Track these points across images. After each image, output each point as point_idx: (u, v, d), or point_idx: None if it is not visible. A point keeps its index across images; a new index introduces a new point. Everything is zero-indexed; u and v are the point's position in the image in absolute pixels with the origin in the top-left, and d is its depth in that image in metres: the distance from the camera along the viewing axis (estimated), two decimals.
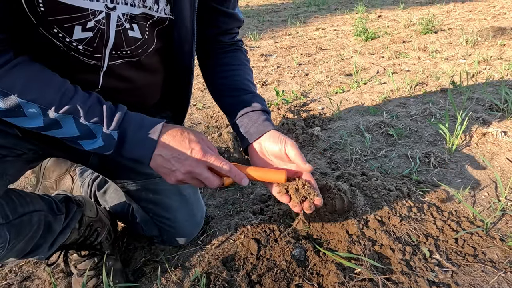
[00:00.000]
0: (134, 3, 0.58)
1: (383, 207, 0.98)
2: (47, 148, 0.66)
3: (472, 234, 0.89)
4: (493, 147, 1.30)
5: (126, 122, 0.59)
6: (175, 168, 0.60)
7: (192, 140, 0.61)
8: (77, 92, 0.57)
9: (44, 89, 0.53)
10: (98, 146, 0.58)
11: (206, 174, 0.61)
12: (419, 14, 4.21)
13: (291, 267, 0.82)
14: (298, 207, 0.67)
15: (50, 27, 0.53)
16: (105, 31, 0.58)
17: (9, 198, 0.59)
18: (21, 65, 0.52)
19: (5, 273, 0.90)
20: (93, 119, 0.56)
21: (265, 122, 0.73)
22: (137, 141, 0.59)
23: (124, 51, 0.63)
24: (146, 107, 0.81)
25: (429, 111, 1.64)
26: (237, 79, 0.80)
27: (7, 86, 0.50)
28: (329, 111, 1.78)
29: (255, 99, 0.77)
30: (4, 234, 0.56)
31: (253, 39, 3.66)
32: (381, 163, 1.26)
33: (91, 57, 0.60)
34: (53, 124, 0.54)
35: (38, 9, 0.50)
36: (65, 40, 0.56)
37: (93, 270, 0.83)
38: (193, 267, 0.86)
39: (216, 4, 0.75)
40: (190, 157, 0.60)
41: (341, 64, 2.59)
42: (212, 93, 0.85)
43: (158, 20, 0.64)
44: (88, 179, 1.06)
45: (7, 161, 0.58)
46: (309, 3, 6.19)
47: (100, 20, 0.56)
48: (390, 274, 0.79)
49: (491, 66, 2.18)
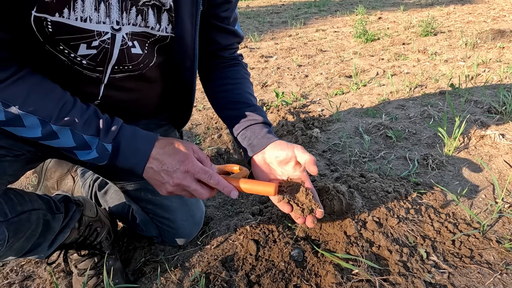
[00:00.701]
0: (136, 23, 0.60)
1: (381, 208, 0.99)
2: (46, 150, 0.67)
3: (469, 236, 0.90)
4: (491, 150, 1.31)
5: (120, 135, 0.61)
6: (165, 181, 0.61)
7: (182, 153, 0.62)
8: (76, 105, 0.59)
9: (44, 101, 0.55)
10: (92, 157, 0.60)
11: (195, 186, 0.62)
12: (419, 16, 4.23)
13: (289, 267, 0.83)
14: (301, 219, 0.68)
15: (56, 44, 0.56)
16: (109, 50, 0.60)
17: (7, 197, 0.60)
18: (24, 77, 0.54)
19: (6, 272, 0.91)
20: (89, 131, 0.58)
21: (268, 134, 0.75)
22: (130, 154, 0.61)
23: (126, 66, 0.65)
24: (143, 112, 0.82)
25: (428, 113, 1.65)
26: (239, 93, 0.81)
27: (9, 98, 0.52)
28: (328, 113, 1.79)
29: (257, 112, 0.79)
30: (3, 232, 0.57)
31: (254, 40, 3.68)
32: (379, 165, 1.27)
33: (93, 70, 0.63)
34: (50, 135, 0.56)
35: (46, 30, 0.52)
36: (69, 56, 0.58)
37: (93, 269, 0.84)
38: (193, 267, 0.87)
39: (217, 21, 0.77)
40: (179, 169, 0.61)
41: (341, 65, 2.60)
42: (214, 106, 0.87)
43: (159, 38, 0.66)
44: (89, 180, 1.07)
45: (6, 161, 0.59)
46: (310, 5, 6.21)
47: (105, 40, 0.59)
48: (387, 275, 0.80)
49: (490, 69, 2.19)
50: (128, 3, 0.58)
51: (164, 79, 0.78)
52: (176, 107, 0.87)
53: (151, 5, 0.61)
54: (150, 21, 0.62)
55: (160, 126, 0.90)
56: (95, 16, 0.55)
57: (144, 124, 0.85)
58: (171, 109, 0.89)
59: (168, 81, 0.79)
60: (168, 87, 0.81)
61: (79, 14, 0.53)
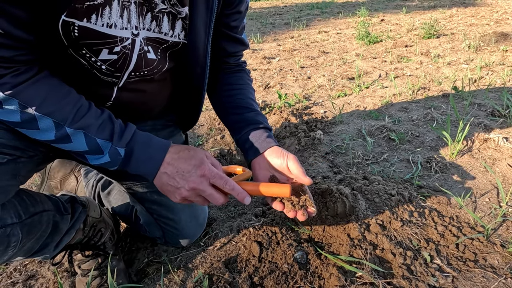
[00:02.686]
0: (151, 28, 0.62)
1: (384, 211, 0.99)
2: (58, 150, 0.68)
3: (473, 240, 0.89)
4: (494, 153, 1.31)
5: (134, 141, 0.61)
6: (180, 185, 0.61)
7: (197, 158, 0.62)
8: (91, 109, 0.59)
9: (61, 104, 0.55)
10: (103, 162, 0.60)
11: (210, 190, 0.62)
12: (422, 19, 4.23)
13: (292, 270, 0.83)
14: (292, 213, 0.68)
15: (79, 48, 0.57)
16: (128, 55, 0.62)
17: (20, 198, 0.61)
18: (42, 79, 0.55)
19: (10, 272, 0.91)
20: (103, 135, 0.59)
21: (268, 138, 0.77)
22: (143, 160, 0.62)
23: (142, 71, 0.67)
24: (151, 113, 0.83)
25: (431, 116, 1.65)
26: (241, 98, 0.84)
27: (27, 100, 0.52)
28: (331, 115, 1.79)
29: (258, 117, 0.81)
30: (18, 233, 0.57)
31: (256, 41, 3.68)
32: (382, 168, 1.27)
33: (111, 76, 0.64)
34: (64, 138, 0.57)
35: (72, 34, 0.53)
36: (90, 60, 0.59)
37: (97, 270, 0.84)
38: (196, 269, 0.87)
39: (226, 30, 0.80)
40: (194, 173, 0.61)
41: (344, 67, 2.60)
42: (217, 110, 0.90)
43: (171, 44, 0.67)
44: (93, 180, 1.07)
45: (20, 162, 0.59)
46: (312, 6, 6.22)
47: (126, 45, 0.60)
48: (391, 278, 0.79)
49: (493, 72, 2.19)
50: (144, 8, 0.59)
51: (174, 83, 0.80)
52: (184, 110, 0.88)
53: (167, 12, 0.62)
54: (164, 27, 0.63)
55: (167, 126, 0.91)
56: (120, 22, 0.57)
57: (151, 125, 0.86)
58: (179, 111, 0.90)
59: (178, 85, 0.81)
60: (178, 91, 0.83)
61: (105, 20, 0.55)
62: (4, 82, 0.50)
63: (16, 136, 0.57)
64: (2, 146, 0.55)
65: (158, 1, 0.60)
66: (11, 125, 0.54)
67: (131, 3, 0.56)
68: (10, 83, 0.51)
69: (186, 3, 0.63)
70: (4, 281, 0.88)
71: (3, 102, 0.51)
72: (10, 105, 0.51)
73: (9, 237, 0.56)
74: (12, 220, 0.56)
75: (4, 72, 0.50)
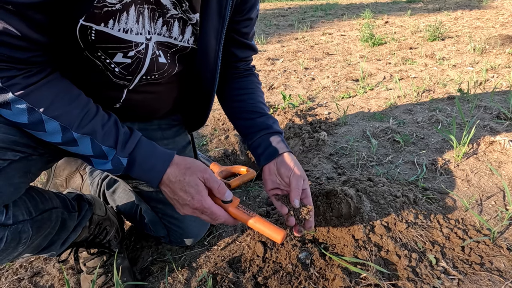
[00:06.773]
0: (161, 33, 0.63)
1: (389, 213, 0.98)
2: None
3: (479, 243, 0.89)
4: (500, 156, 1.30)
5: (137, 150, 0.62)
6: (182, 205, 0.64)
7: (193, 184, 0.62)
8: (98, 114, 0.60)
9: (69, 107, 0.56)
10: (107, 168, 0.61)
11: (209, 218, 0.65)
12: (427, 21, 4.21)
13: (297, 270, 0.83)
14: (291, 220, 0.72)
15: (95, 51, 0.58)
16: (141, 59, 0.63)
17: (30, 195, 0.61)
18: (52, 81, 0.55)
19: (16, 268, 0.92)
20: (107, 143, 0.59)
21: (279, 144, 0.79)
22: (145, 169, 0.62)
23: (154, 75, 0.68)
24: (157, 113, 0.84)
25: (436, 118, 1.64)
26: (252, 102, 0.85)
27: (35, 102, 0.53)
28: (335, 116, 1.79)
29: (269, 121, 0.83)
30: (28, 230, 0.58)
31: (260, 43, 3.69)
32: (387, 169, 1.27)
33: (123, 79, 0.65)
34: (70, 142, 0.57)
35: (89, 37, 0.55)
36: (105, 61, 0.60)
37: (102, 268, 0.84)
38: (200, 268, 0.87)
39: (237, 36, 0.81)
40: (191, 202, 0.62)
41: (348, 69, 2.60)
42: (228, 115, 0.91)
43: (180, 48, 0.69)
44: (98, 178, 1.08)
45: (32, 159, 0.60)
46: (316, 8, 6.22)
47: (141, 50, 0.61)
48: (396, 280, 0.79)
49: (499, 75, 2.17)
50: (156, 13, 0.60)
51: (181, 86, 0.81)
52: (193, 112, 0.89)
53: (178, 18, 0.63)
54: (174, 32, 0.65)
55: (172, 126, 0.91)
56: (135, 27, 0.58)
57: (157, 124, 0.87)
58: (187, 113, 0.92)
59: (186, 88, 0.82)
60: (187, 93, 0.84)
61: (122, 25, 0.56)
62: (16, 83, 0.50)
63: (28, 133, 0.57)
64: (15, 143, 0.55)
65: (170, 7, 0.61)
66: (20, 126, 0.55)
67: (144, 9, 0.58)
68: (21, 84, 0.51)
69: (197, 10, 0.64)
70: (10, 277, 0.89)
71: (12, 103, 0.51)
72: (19, 106, 0.52)
73: (20, 233, 0.56)
74: (23, 217, 0.57)
75: (16, 73, 0.51)
